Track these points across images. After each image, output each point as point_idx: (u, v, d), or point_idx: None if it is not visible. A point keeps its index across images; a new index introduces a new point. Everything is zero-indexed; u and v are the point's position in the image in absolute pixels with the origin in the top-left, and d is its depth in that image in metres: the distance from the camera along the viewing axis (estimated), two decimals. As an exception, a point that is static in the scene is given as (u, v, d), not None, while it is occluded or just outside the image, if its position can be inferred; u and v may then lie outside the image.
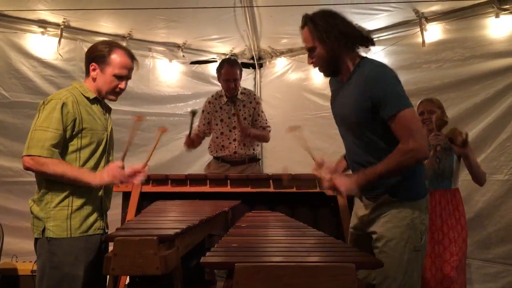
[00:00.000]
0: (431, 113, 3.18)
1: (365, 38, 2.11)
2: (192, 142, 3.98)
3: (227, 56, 5.38)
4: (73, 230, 2.10)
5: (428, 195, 2.15)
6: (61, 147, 2.08)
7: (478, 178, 3.14)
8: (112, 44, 2.28)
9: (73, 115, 2.10)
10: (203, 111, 4.08)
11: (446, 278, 3.02)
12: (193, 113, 3.82)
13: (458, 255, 3.05)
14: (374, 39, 2.26)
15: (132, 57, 2.30)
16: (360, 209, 2.21)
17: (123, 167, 2.14)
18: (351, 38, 2.07)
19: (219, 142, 3.96)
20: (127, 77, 2.30)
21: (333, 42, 2.04)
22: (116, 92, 2.29)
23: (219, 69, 3.94)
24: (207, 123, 4.03)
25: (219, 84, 5.33)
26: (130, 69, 2.30)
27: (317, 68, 2.17)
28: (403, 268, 1.99)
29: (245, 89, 4.10)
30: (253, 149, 4.00)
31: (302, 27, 2.14)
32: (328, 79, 2.32)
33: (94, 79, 2.24)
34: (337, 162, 2.37)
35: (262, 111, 4.05)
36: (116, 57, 2.23)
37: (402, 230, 2.02)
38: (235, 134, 3.91)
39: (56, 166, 2.02)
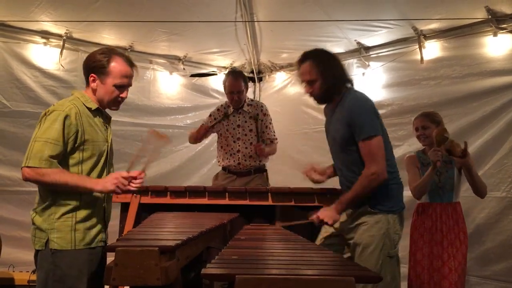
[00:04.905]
0: (424, 128, 3.17)
1: (349, 80, 2.54)
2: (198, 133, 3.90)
3: (227, 70, 5.41)
4: (77, 242, 2.08)
5: (404, 210, 2.47)
6: (60, 158, 2.05)
7: (480, 189, 3.08)
8: (110, 53, 2.21)
9: (75, 127, 2.07)
10: (210, 115, 4.05)
11: None
12: None
13: (458, 271, 2.99)
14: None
15: (131, 64, 2.23)
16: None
17: (126, 178, 2.09)
18: (343, 77, 2.49)
19: (224, 151, 3.94)
20: (128, 85, 2.24)
21: (331, 78, 2.43)
22: (118, 102, 2.25)
23: (224, 81, 3.92)
24: (211, 126, 3.97)
25: (219, 97, 5.39)
26: (130, 77, 2.23)
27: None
28: (377, 272, 2.19)
29: (252, 100, 4.09)
30: (259, 161, 3.93)
31: (303, 61, 2.50)
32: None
33: (94, 90, 2.19)
34: (327, 167, 2.73)
35: (270, 123, 3.98)
36: (116, 66, 2.16)
37: (378, 238, 2.33)
38: (239, 146, 3.88)
39: (57, 175, 2.00)
